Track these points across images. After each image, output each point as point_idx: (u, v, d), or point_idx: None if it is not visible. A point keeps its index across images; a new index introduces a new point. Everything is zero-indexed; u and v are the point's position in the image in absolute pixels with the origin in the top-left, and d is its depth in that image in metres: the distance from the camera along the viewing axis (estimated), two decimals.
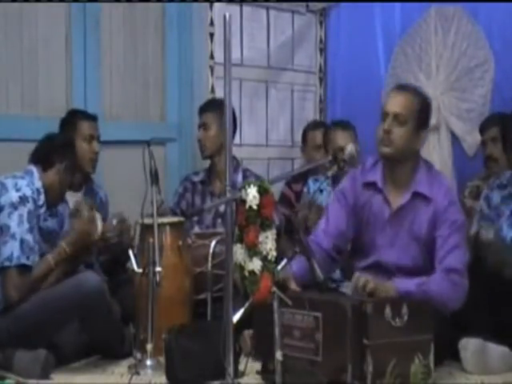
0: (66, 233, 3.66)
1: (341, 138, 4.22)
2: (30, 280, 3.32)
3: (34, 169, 3.47)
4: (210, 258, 3.73)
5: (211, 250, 3.74)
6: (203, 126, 4.35)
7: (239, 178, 4.22)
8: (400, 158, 3.24)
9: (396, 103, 3.22)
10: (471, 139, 4.68)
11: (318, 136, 4.75)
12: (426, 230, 3.23)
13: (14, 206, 3.32)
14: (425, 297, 3.05)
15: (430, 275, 3.17)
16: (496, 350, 3.28)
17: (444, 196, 3.23)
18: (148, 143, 3.49)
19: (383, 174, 3.31)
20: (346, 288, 3.52)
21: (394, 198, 3.28)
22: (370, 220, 3.33)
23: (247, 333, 3.37)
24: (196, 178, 4.42)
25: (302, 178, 4.60)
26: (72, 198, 3.95)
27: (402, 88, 3.31)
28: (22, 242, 3.30)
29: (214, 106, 4.32)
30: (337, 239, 3.39)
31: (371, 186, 3.34)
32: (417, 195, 3.24)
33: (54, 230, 3.74)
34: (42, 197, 3.44)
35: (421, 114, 3.22)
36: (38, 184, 3.44)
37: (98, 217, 3.57)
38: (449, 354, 3.29)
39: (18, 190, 3.35)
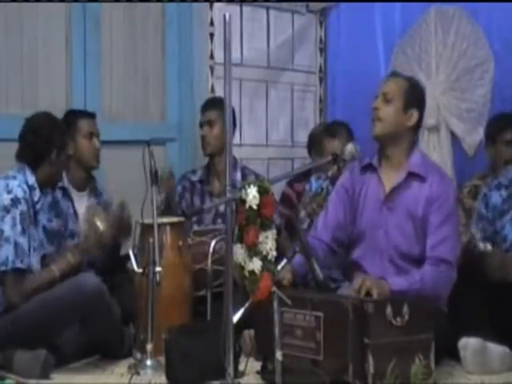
0: (70, 233, 3.67)
1: (330, 145, 4.22)
2: (30, 286, 3.31)
3: (25, 166, 3.45)
4: (209, 257, 3.73)
5: (211, 249, 3.74)
6: (208, 123, 4.31)
7: (238, 176, 4.21)
8: (391, 136, 3.31)
9: (385, 85, 3.38)
10: (471, 139, 4.69)
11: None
12: (422, 210, 3.26)
13: (7, 210, 3.31)
14: (417, 293, 3.09)
15: (421, 266, 3.20)
16: (496, 349, 3.27)
17: (440, 181, 3.29)
18: (148, 143, 3.49)
19: (379, 155, 3.38)
20: (346, 289, 3.51)
21: (389, 179, 3.33)
22: (366, 204, 3.37)
23: (247, 333, 3.37)
24: (194, 178, 4.40)
25: (304, 177, 4.59)
26: (77, 197, 3.95)
27: (394, 74, 3.48)
28: (15, 245, 3.29)
29: (218, 104, 4.29)
30: (336, 231, 3.44)
31: (368, 168, 3.40)
32: (412, 175, 3.30)
33: (59, 231, 3.77)
34: (37, 192, 3.43)
35: (408, 93, 3.34)
36: (32, 180, 3.42)
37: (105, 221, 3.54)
38: (447, 354, 3.29)
39: (9, 192, 3.33)
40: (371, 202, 3.35)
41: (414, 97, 3.36)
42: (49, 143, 3.47)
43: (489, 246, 3.37)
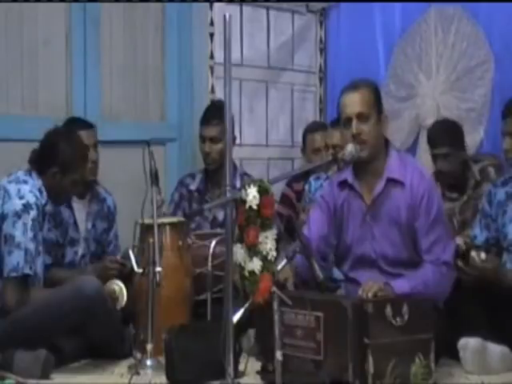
0: (70, 241, 3.76)
1: (334, 136, 4.14)
2: (31, 297, 3.32)
3: (33, 169, 3.45)
4: (209, 259, 3.73)
5: (211, 251, 3.74)
6: (210, 139, 4.26)
7: (237, 183, 4.18)
8: (376, 152, 3.25)
9: (354, 104, 3.24)
10: (471, 139, 4.68)
11: (316, 139, 4.68)
12: (405, 215, 3.22)
13: (18, 215, 3.30)
14: (419, 294, 3.07)
15: (418, 268, 3.19)
16: (496, 349, 3.27)
17: (419, 181, 3.23)
18: (148, 143, 3.49)
19: (354, 169, 3.32)
20: (345, 289, 3.51)
21: (369, 189, 3.28)
22: (350, 220, 3.33)
23: (252, 332, 3.36)
24: (192, 186, 4.37)
25: (303, 177, 4.58)
26: (78, 205, 3.93)
27: (353, 87, 3.29)
28: (26, 251, 3.29)
29: (219, 118, 4.23)
30: (320, 244, 3.37)
31: (345, 184, 3.34)
32: (391, 181, 3.24)
33: (57, 242, 3.77)
34: (45, 194, 3.43)
35: (377, 101, 3.27)
36: (39, 183, 3.42)
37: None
38: (445, 353, 3.29)
39: (21, 198, 3.33)
40: (355, 217, 3.30)
41: (380, 101, 3.30)
42: (52, 157, 3.44)
43: (482, 255, 3.33)
